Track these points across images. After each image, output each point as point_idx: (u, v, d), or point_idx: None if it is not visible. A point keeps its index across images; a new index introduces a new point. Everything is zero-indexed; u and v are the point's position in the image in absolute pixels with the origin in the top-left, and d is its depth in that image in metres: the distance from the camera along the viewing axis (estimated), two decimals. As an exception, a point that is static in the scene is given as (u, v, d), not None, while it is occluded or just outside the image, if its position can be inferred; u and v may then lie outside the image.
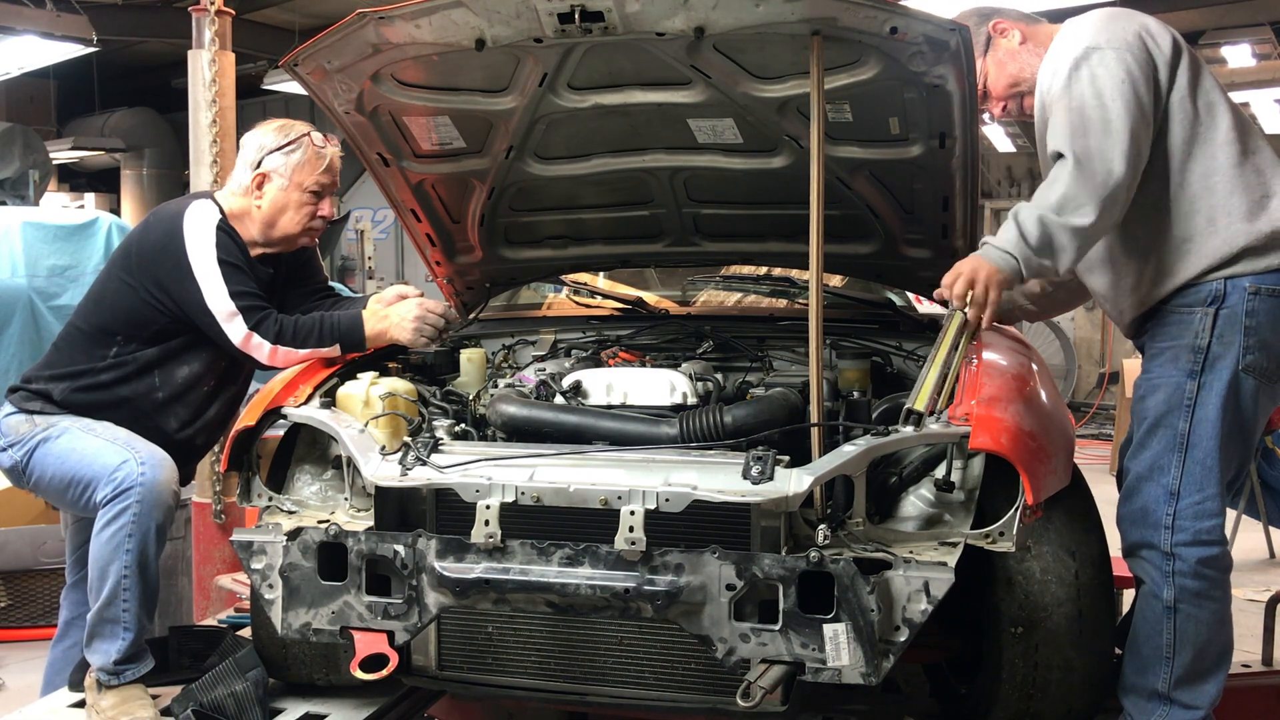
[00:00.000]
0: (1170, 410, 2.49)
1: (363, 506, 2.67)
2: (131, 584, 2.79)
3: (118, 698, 2.80)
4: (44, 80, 14.45)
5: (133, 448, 2.87)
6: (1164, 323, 2.56)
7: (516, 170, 3.10)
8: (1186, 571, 2.45)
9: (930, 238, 3.02)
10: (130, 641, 2.82)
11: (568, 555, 2.30)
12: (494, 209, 3.26)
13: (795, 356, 3.16)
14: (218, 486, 4.15)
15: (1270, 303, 2.46)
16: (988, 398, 2.44)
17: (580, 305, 3.69)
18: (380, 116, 2.94)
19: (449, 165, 3.11)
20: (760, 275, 3.90)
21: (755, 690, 2.19)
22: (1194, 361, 2.48)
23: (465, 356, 3.09)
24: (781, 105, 2.71)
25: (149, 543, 2.80)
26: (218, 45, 4.03)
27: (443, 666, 2.55)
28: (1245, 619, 3.84)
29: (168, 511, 2.85)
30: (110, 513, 2.79)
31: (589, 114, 2.87)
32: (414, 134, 3.00)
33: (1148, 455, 2.52)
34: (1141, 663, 2.53)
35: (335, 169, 3.13)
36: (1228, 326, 2.45)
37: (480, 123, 2.96)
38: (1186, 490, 2.46)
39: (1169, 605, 2.46)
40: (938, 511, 2.47)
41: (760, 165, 2.96)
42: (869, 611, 2.18)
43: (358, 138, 3.00)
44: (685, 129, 2.89)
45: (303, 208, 3.07)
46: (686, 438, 2.51)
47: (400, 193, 3.19)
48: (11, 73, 11.40)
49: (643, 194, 3.19)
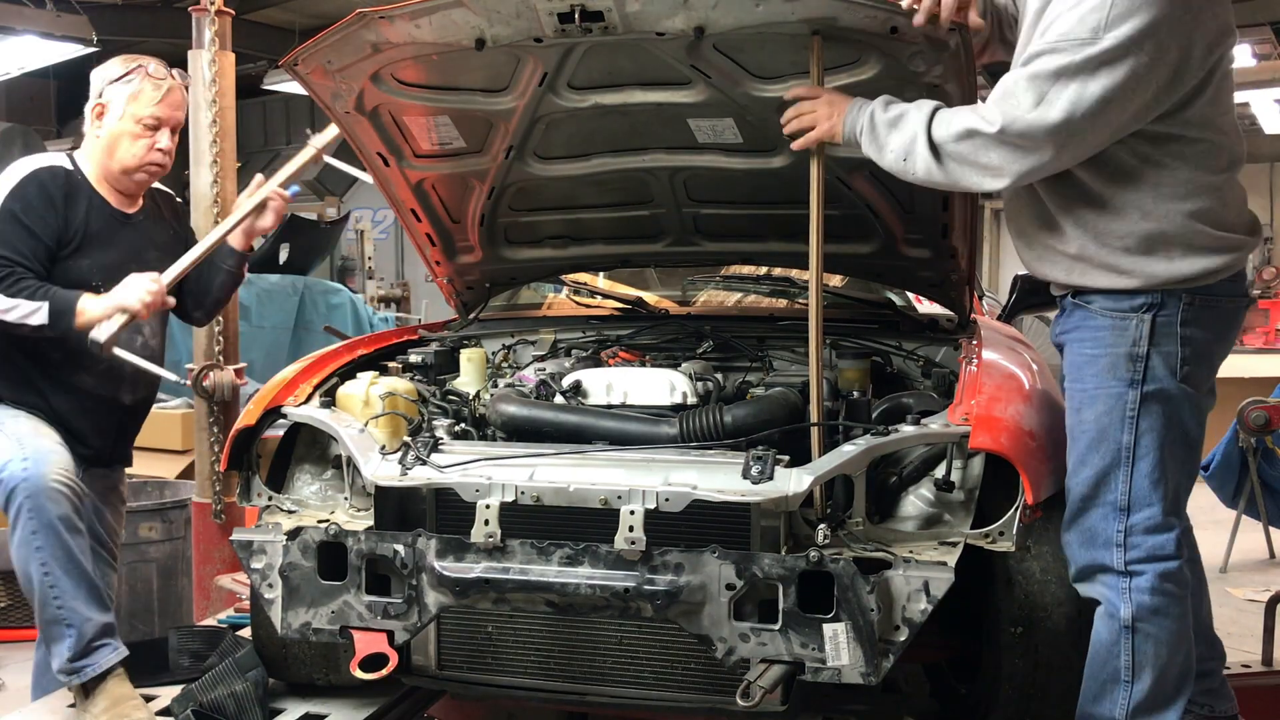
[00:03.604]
0: (1112, 423, 2.30)
1: (363, 506, 2.67)
2: (57, 579, 2.75)
3: (107, 700, 2.77)
4: (44, 80, 14.45)
5: (21, 444, 2.82)
6: (1094, 326, 2.36)
7: (516, 170, 3.09)
8: (1144, 588, 2.28)
9: (930, 237, 3.02)
10: (77, 637, 2.76)
11: (567, 555, 2.30)
12: (494, 209, 3.26)
13: (795, 356, 3.16)
14: (218, 486, 4.14)
15: (1206, 313, 2.32)
16: (988, 397, 2.44)
17: (580, 305, 3.69)
18: (380, 116, 2.94)
19: (449, 165, 3.11)
20: (760, 275, 3.90)
21: (755, 690, 2.19)
22: (1133, 370, 2.29)
23: (465, 356, 3.09)
24: (781, 105, 2.71)
25: (57, 534, 2.73)
26: (218, 45, 4.03)
27: (442, 666, 2.55)
28: (1245, 619, 3.85)
29: (63, 500, 2.76)
30: (11, 516, 2.75)
31: (589, 114, 2.87)
32: (414, 134, 3.00)
33: (1089, 473, 2.33)
34: (1097, 689, 2.34)
35: (176, 102, 3.08)
36: (1165, 335, 2.30)
37: (480, 123, 2.96)
38: (1136, 505, 2.29)
39: (1126, 625, 2.28)
40: (938, 511, 2.47)
41: (760, 165, 2.96)
42: (869, 611, 2.18)
43: (358, 137, 3.00)
44: (685, 129, 2.89)
45: (138, 139, 3.03)
46: (686, 437, 2.51)
47: (400, 192, 3.19)
48: (11, 73, 11.41)
49: (643, 194, 3.19)
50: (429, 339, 3.39)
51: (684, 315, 3.48)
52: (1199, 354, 2.31)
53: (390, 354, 3.20)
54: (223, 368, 4.08)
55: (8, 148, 11.46)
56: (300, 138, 3.22)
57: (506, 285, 3.63)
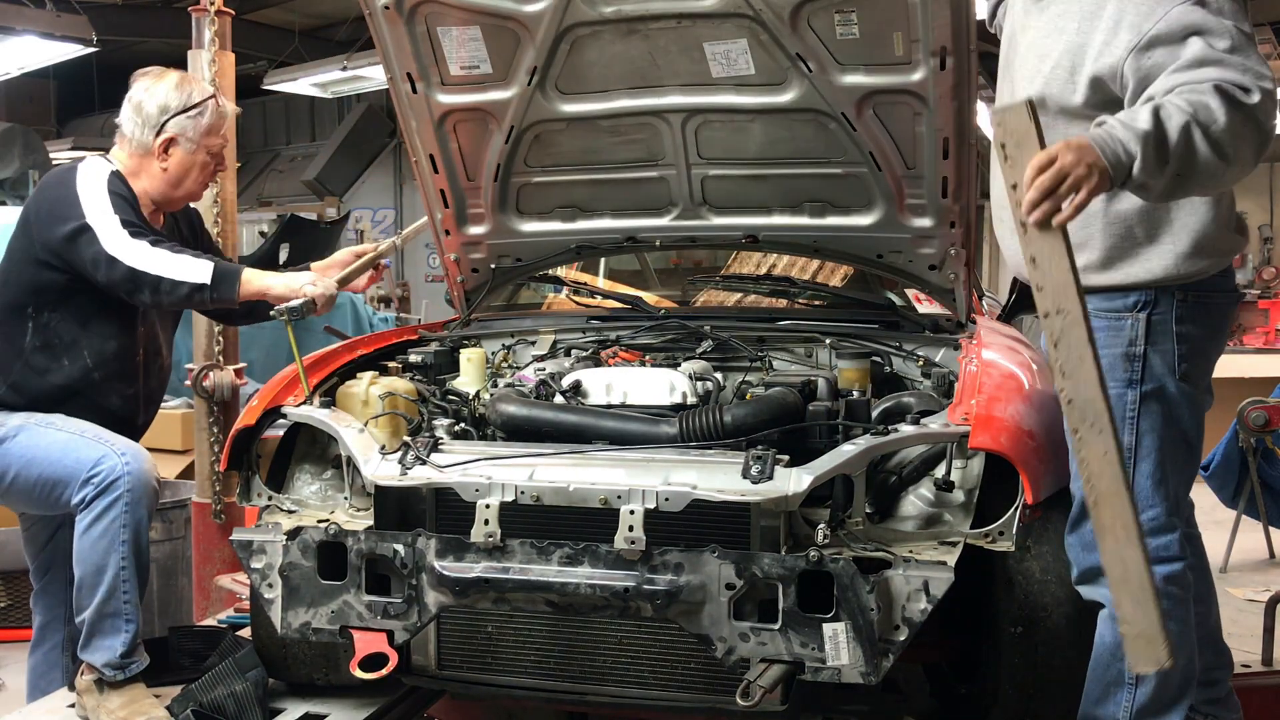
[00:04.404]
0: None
1: (362, 506, 2.67)
2: (130, 575, 2.78)
3: (125, 698, 2.78)
4: (44, 80, 14.47)
5: (105, 440, 2.85)
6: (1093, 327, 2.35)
7: (536, 106, 3.09)
8: None
9: (931, 199, 2.99)
10: (133, 634, 2.81)
11: (567, 554, 2.31)
12: (510, 160, 3.25)
13: (795, 356, 3.16)
14: (218, 486, 4.14)
15: (1199, 309, 2.31)
16: (987, 397, 2.44)
17: (580, 305, 3.69)
18: (416, 24, 2.96)
19: (474, 94, 3.11)
20: (760, 275, 3.90)
21: (755, 689, 2.19)
22: (1131, 370, 2.29)
23: (465, 356, 3.09)
24: (796, 10, 2.71)
25: (142, 532, 2.79)
26: (218, 45, 4.03)
27: (442, 666, 2.55)
28: (1245, 619, 3.85)
29: (155, 499, 2.85)
30: (98, 508, 2.76)
31: (612, 33, 2.88)
32: (444, 52, 3.01)
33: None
34: (1100, 691, 2.35)
35: (232, 126, 3.19)
36: (1161, 333, 2.29)
37: (509, 38, 2.96)
38: (1138, 507, 2.22)
39: None
40: (937, 511, 2.47)
41: (770, 101, 2.96)
42: (868, 611, 2.18)
43: (391, 50, 3.02)
44: (701, 59, 2.90)
45: (206, 168, 3.08)
46: (686, 437, 2.51)
47: (423, 131, 3.19)
48: (11, 73, 11.39)
49: (654, 149, 3.18)
50: (429, 339, 3.39)
51: (684, 315, 3.48)
52: (1195, 350, 2.31)
53: (390, 354, 3.21)
54: (222, 368, 4.08)
55: (8, 148, 11.47)
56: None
57: (510, 271, 3.61)
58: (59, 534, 3.20)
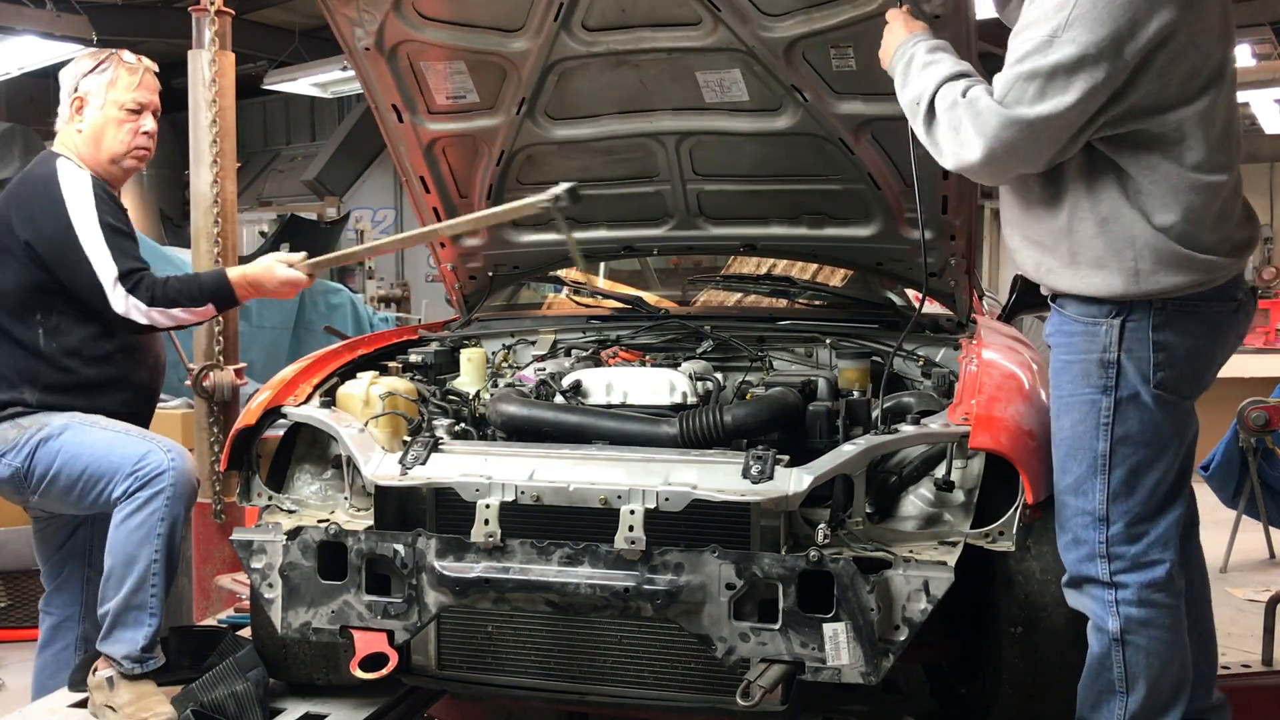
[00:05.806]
0: (1087, 430, 2.26)
1: (362, 506, 2.67)
2: (160, 569, 2.80)
3: (134, 694, 2.78)
4: (44, 80, 14.39)
5: (150, 437, 2.91)
6: (1068, 331, 2.31)
7: (526, 132, 3.09)
8: (1131, 600, 2.23)
9: (930, 214, 2.99)
10: (156, 628, 2.82)
11: (567, 554, 2.30)
12: (502, 179, 3.25)
13: (795, 356, 3.16)
14: (218, 486, 4.14)
15: (1183, 318, 2.24)
16: (987, 397, 2.44)
17: (580, 305, 3.69)
18: (398, 60, 2.95)
19: (461, 123, 3.11)
20: (760, 275, 3.90)
21: (755, 689, 2.19)
22: (1106, 376, 2.24)
23: (465, 356, 3.09)
24: (790, 47, 2.70)
25: (177, 528, 2.82)
26: (218, 45, 4.02)
27: (442, 666, 2.55)
28: (1245, 619, 3.85)
29: (194, 498, 2.89)
30: (138, 500, 2.79)
31: (601, 65, 2.88)
32: (429, 84, 3.01)
33: (1069, 481, 2.29)
34: (1094, 699, 2.32)
35: (152, 86, 3.17)
36: (1135, 340, 2.23)
37: (494, 71, 2.96)
38: (1115, 514, 2.24)
39: (1115, 638, 2.24)
40: (937, 511, 2.47)
41: (765, 126, 2.95)
42: (868, 611, 2.18)
43: (374, 85, 3.01)
44: (693, 86, 2.89)
45: (123, 125, 3.08)
46: (686, 437, 2.51)
47: (411, 155, 3.19)
48: (11, 73, 11.40)
49: (648, 166, 3.18)
50: (429, 339, 3.39)
51: (684, 315, 3.48)
52: (1176, 359, 2.23)
53: (390, 354, 3.21)
54: (222, 368, 4.07)
55: (8, 148, 11.46)
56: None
57: (509, 276, 3.61)
58: (77, 533, 3.23)
